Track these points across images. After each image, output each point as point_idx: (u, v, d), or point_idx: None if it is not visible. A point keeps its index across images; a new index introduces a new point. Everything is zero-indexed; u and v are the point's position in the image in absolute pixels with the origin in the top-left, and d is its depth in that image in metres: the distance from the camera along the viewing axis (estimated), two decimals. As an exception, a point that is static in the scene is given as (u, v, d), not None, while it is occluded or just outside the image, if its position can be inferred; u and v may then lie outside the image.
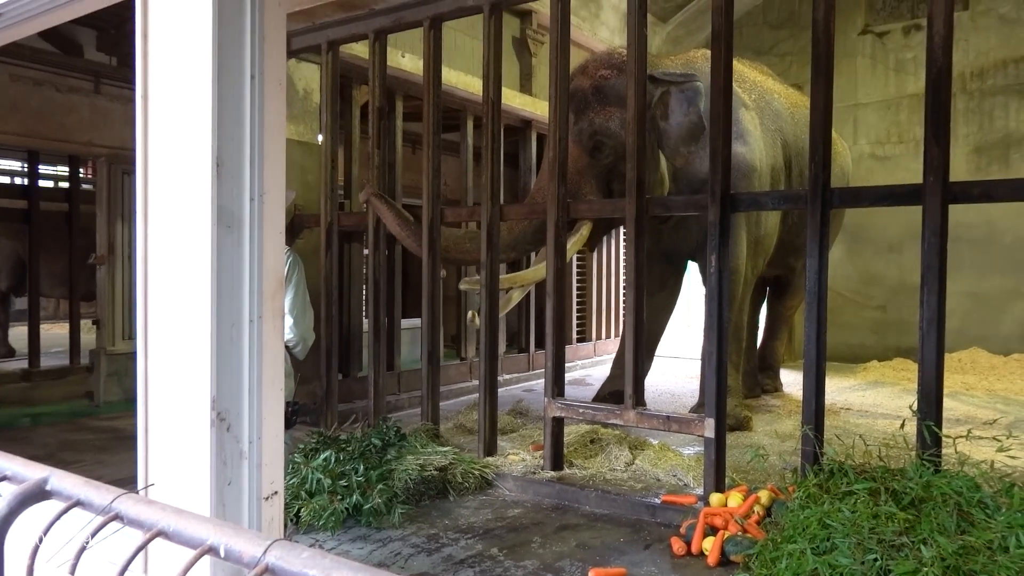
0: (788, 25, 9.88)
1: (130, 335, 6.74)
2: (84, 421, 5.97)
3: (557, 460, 4.26)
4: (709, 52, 5.56)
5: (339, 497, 3.54)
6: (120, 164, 6.55)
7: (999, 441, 3.23)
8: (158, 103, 1.92)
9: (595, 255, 8.90)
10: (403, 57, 6.01)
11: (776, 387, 6.93)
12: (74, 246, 7.13)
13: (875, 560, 2.44)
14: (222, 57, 1.83)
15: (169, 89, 1.89)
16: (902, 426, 3.34)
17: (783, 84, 6.39)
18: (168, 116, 1.89)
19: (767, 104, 5.68)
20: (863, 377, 8.11)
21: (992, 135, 8.64)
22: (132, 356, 6.53)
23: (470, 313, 4.69)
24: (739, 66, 5.49)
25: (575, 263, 8.54)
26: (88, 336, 7.20)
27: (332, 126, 5.39)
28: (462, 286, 4.87)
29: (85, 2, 2.59)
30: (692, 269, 6.15)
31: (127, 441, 5.20)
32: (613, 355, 6.76)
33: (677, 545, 3.25)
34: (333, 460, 3.75)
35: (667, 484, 4.03)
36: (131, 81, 5.90)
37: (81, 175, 7.57)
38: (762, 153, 5.31)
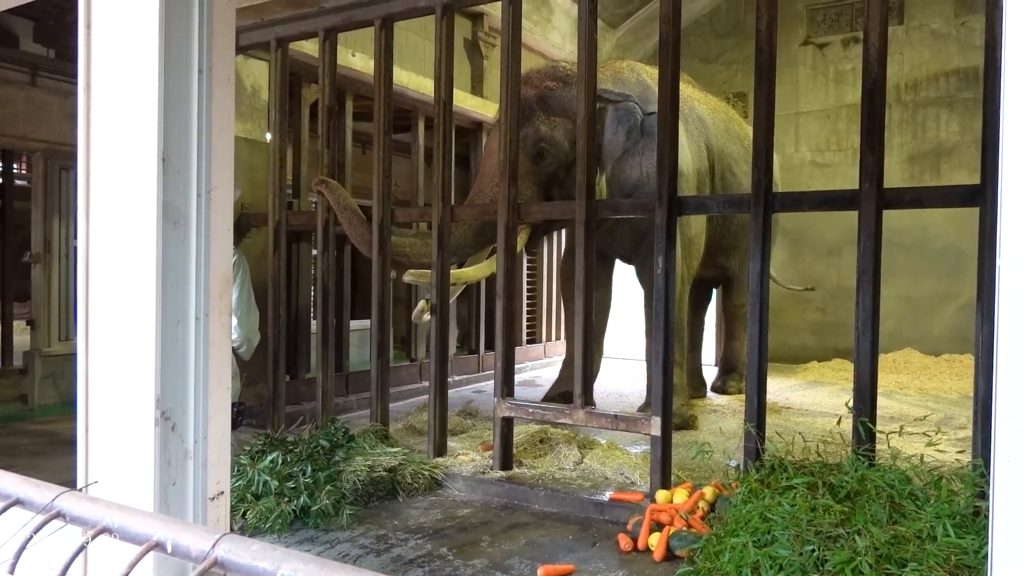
0: (734, 34, 10.13)
1: (66, 336, 6.52)
2: (17, 425, 5.75)
3: (507, 460, 4.28)
4: (636, 64, 5.77)
5: (286, 499, 3.50)
6: (57, 159, 6.34)
7: (929, 437, 3.39)
8: (102, 95, 1.88)
9: (545, 257, 8.97)
10: (353, 56, 5.96)
11: (741, 389, 7.03)
12: (7, 243, 6.85)
13: (813, 551, 2.53)
14: (169, 50, 1.80)
15: (113, 81, 1.85)
16: (839, 423, 3.47)
17: (703, 91, 6.58)
18: (112, 109, 1.85)
19: (690, 110, 5.85)
20: (803, 377, 8.36)
21: (925, 145, 9.01)
22: (68, 358, 6.36)
23: (421, 303, 4.70)
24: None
25: (525, 265, 8.59)
26: (22, 337, 6.92)
27: (281, 124, 5.32)
28: (406, 278, 4.86)
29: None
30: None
31: (63, 446, 5.03)
32: (563, 357, 6.83)
33: (624, 541, 3.30)
34: (280, 462, 3.71)
35: (615, 482, 4.09)
36: (70, 74, 5.71)
37: (15, 170, 7.29)
38: (688, 158, 5.47)
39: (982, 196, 3.23)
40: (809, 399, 6.93)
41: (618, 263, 6.29)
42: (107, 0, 1.87)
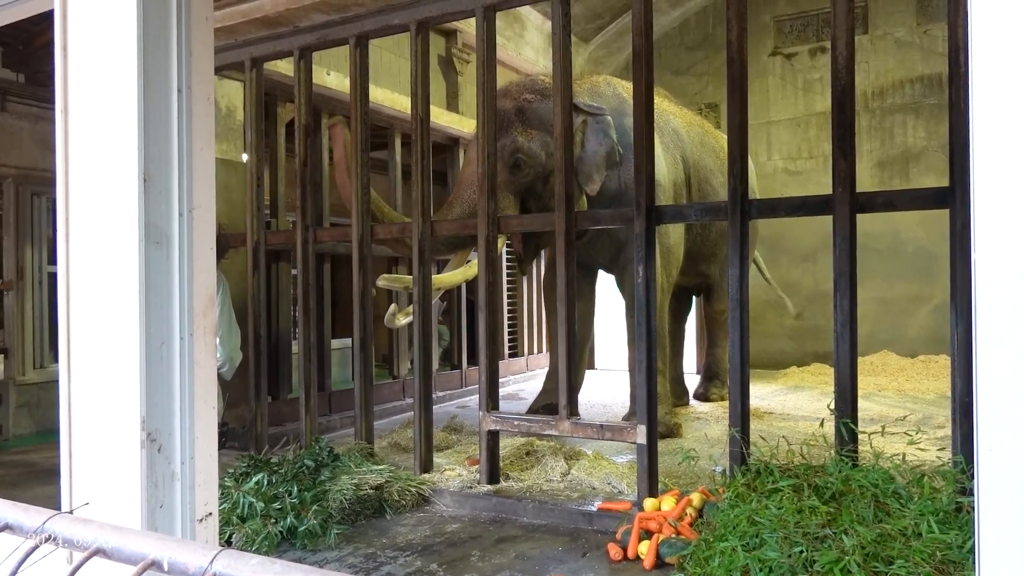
0: (704, 47, 10.28)
1: (41, 364, 6.41)
2: (-8, 456, 5.63)
3: (493, 473, 4.27)
4: (612, 78, 5.85)
5: (272, 520, 3.46)
6: (29, 185, 6.25)
7: (909, 436, 3.44)
8: (80, 117, 1.87)
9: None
10: (329, 75, 5.97)
11: (723, 396, 7.05)
12: (-22, 272, 6.74)
13: (801, 552, 2.55)
14: (148, 70, 1.80)
15: (92, 103, 1.84)
16: (821, 424, 3.51)
17: (678, 105, 6.68)
18: (91, 130, 1.84)
19: (666, 123, 5.93)
20: (784, 382, 8.43)
21: (893, 150, 9.19)
22: (44, 386, 6.25)
23: (392, 306, 4.70)
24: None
25: (505, 279, 8.60)
26: (-6, 366, 6.78)
27: (257, 144, 5.30)
28: (380, 283, 4.86)
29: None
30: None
31: (41, 475, 4.93)
32: (545, 370, 6.84)
33: (614, 551, 3.31)
34: (265, 483, 3.67)
35: (602, 492, 4.10)
36: (41, 99, 5.66)
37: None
38: (664, 170, 5.54)
39: (952, 197, 3.31)
40: (790, 403, 6.99)
41: (601, 274, 6.32)
42: (84, 22, 1.87)
